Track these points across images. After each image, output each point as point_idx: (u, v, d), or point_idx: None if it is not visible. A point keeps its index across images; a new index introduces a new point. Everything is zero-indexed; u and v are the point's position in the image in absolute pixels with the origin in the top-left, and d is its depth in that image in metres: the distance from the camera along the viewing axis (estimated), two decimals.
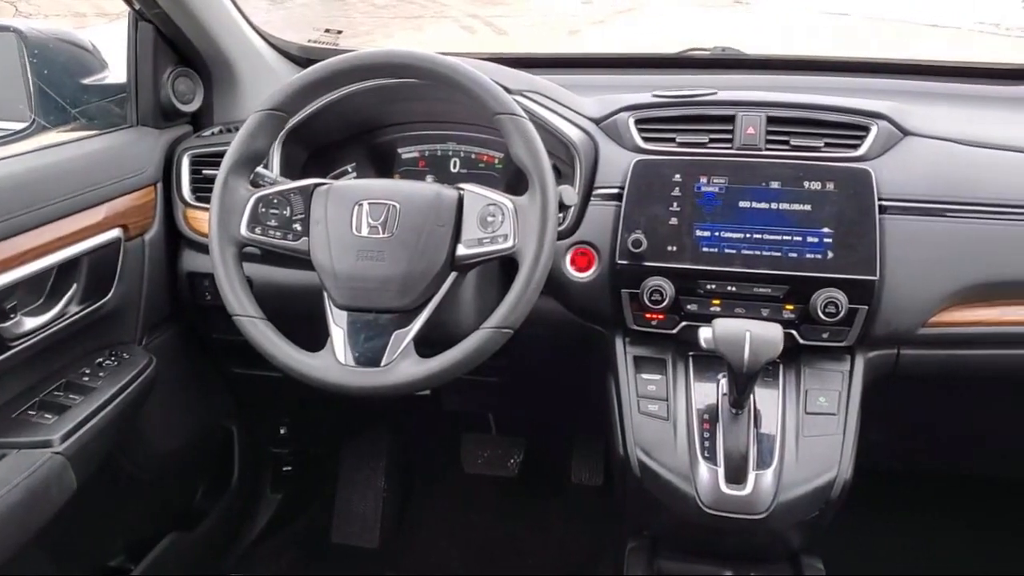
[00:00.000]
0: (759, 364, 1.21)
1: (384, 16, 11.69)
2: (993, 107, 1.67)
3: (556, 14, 11.51)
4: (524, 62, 1.83)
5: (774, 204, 1.37)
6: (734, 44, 1.90)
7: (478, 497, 2.30)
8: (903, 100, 1.53)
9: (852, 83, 1.75)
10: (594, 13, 11.52)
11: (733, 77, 1.82)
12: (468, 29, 10.58)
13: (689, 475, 1.31)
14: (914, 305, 1.35)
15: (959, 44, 8.03)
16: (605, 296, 1.42)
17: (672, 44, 1.96)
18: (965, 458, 1.80)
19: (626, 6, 11.78)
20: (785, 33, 8.81)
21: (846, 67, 1.83)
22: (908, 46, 7.92)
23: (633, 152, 1.45)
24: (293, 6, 10.76)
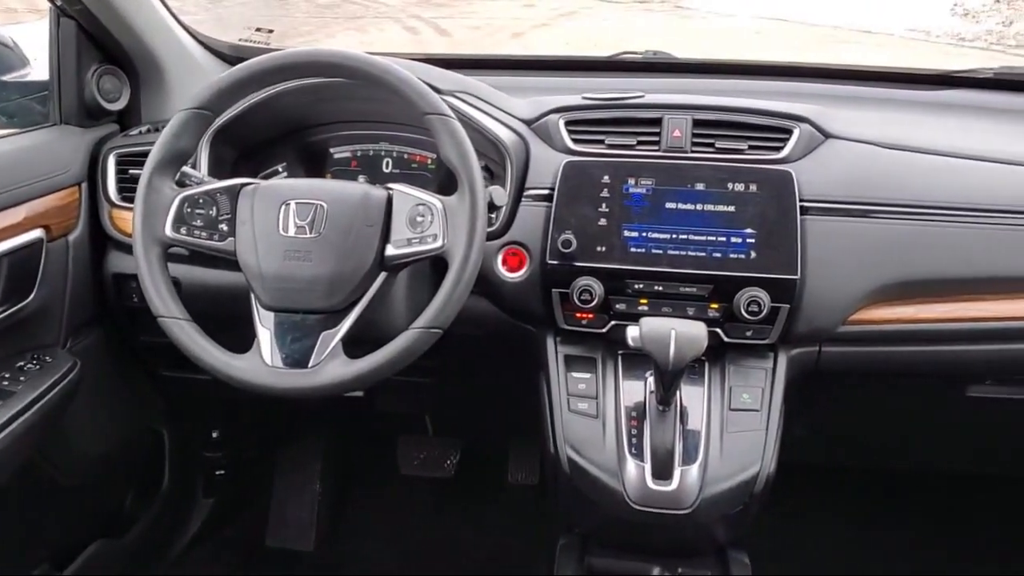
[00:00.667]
0: (684, 362, 1.23)
1: (326, 16, 11.60)
2: (914, 111, 1.72)
3: (500, 17, 11.52)
4: (457, 63, 1.83)
5: (699, 205, 1.40)
6: (674, 47, 1.94)
7: (415, 498, 2.30)
8: (827, 104, 1.56)
9: (779, 87, 1.79)
10: (538, 16, 11.56)
11: (663, 80, 1.84)
12: (411, 30, 10.55)
13: (617, 472, 1.33)
14: (834, 303, 1.39)
15: (889, 50, 8.26)
16: (536, 296, 1.43)
17: (614, 47, 1.99)
18: (888, 453, 1.86)
19: (569, 9, 11.86)
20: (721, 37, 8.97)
21: (774, 71, 1.87)
22: (840, 51, 8.12)
23: (563, 153, 1.47)
24: (233, 4, 10.61)
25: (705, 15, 10.77)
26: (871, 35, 8.95)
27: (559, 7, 11.99)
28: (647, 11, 11.46)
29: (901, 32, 8.99)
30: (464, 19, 11.37)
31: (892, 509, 2.13)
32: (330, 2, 12.39)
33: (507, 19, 11.31)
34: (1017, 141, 1.53)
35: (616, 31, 10.03)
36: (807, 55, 7.84)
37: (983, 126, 1.64)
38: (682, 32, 9.71)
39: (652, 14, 11.26)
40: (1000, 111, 1.71)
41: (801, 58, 1.97)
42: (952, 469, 1.95)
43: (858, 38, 8.86)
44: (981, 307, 1.40)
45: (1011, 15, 8.87)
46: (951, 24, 9.10)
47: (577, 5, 12.08)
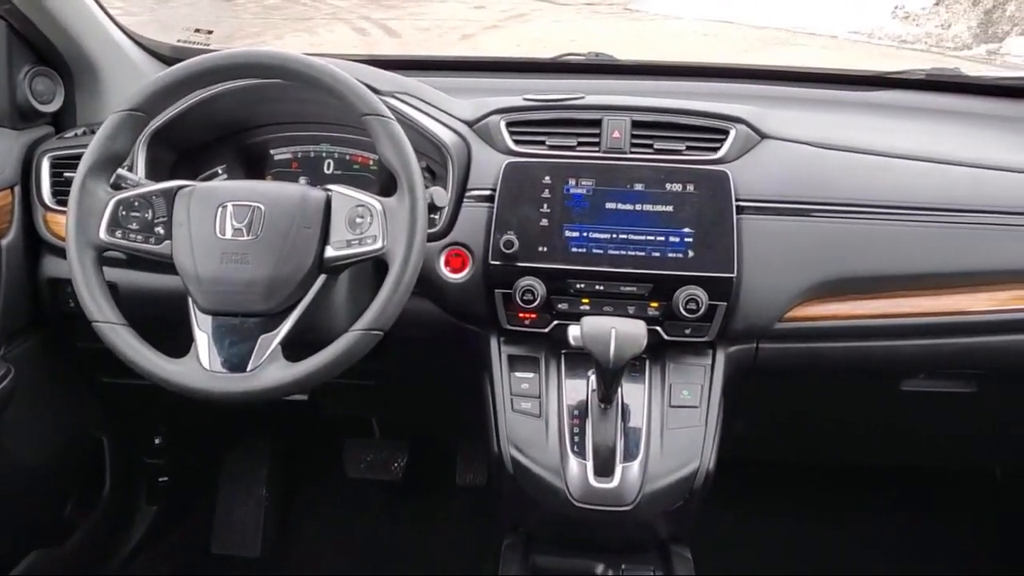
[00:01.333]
0: (624, 360, 1.25)
1: (275, 17, 11.47)
2: (849, 112, 1.75)
3: (450, 18, 11.51)
4: (400, 64, 1.84)
5: (638, 205, 1.41)
6: (623, 49, 1.96)
7: (362, 502, 2.29)
8: (765, 105, 1.59)
9: (718, 88, 1.82)
10: (488, 18, 11.57)
11: (605, 82, 1.86)
12: (360, 31, 10.48)
13: (559, 470, 1.34)
14: (770, 301, 1.41)
15: (833, 51, 8.43)
16: (479, 296, 1.44)
17: (564, 49, 2.00)
18: (827, 448, 1.90)
19: (519, 12, 11.88)
20: (670, 39, 9.07)
21: (713, 72, 1.90)
22: (785, 53, 8.26)
23: (505, 154, 1.47)
24: (179, 5, 10.44)
25: (653, 17, 10.87)
26: (816, 37, 9.11)
27: (509, 9, 12.01)
28: (596, 14, 11.53)
29: (844, 34, 9.16)
30: (414, 20, 11.33)
31: (832, 503, 2.18)
32: (278, 3, 12.25)
33: (457, 21, 11.29)
34: (946, 140, 1.58)
35: (566, 33, 10.08)
36: (753, 57, 7.97)
37: (915, 126, 1.68)
38: (631, 34, 9.80)
39: (601, 17, 11.33)
40: (931, 111, 1.76)
41: (747, 60, 2.01)
42: (889, 462, 2.00)
43: (803, 40, 9.02)
44: (912, 303, 1.44)
45: (949, 18, 9.10)
46: (892, 27, 9.31)
47: (527, 7, 12.11)
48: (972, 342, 1.44)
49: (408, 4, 12.39)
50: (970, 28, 8.81)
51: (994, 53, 8.05)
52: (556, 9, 12.01)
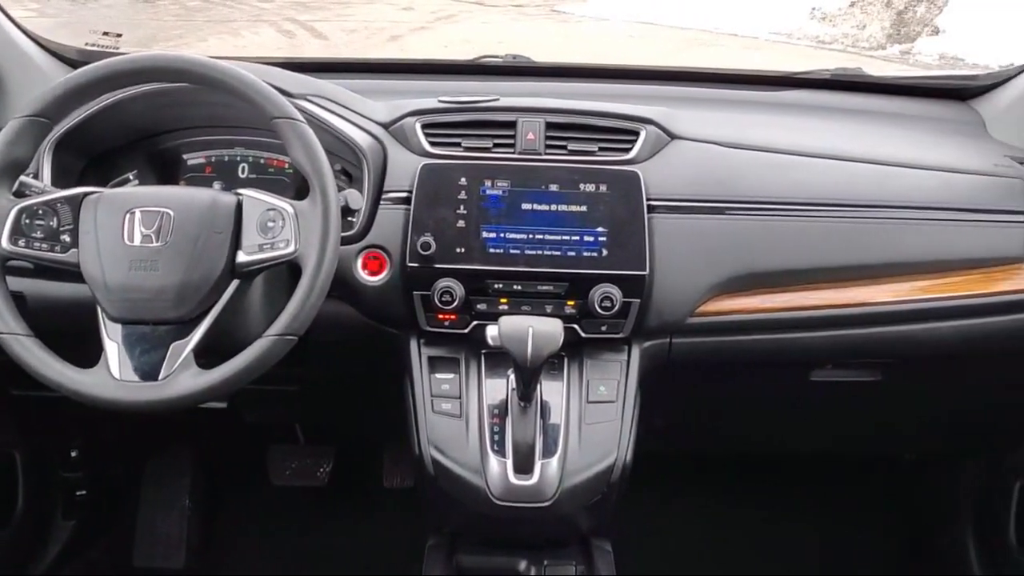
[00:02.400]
0: (541, 358, 1.27)
1: (197, 20, 11.24)
2: (758, 111, 1.80)
3: (378, 20, 11.42)
4: (315, 67, 1.83)
5: (554, 206, 1.43)
6: (549, 51, 1.98)
7: (288, 509, 2.27)
8: (677, 105, 1.63)
9: (632, 90, 1.85)
10: (416, 19, 11.52)
11: (522, 84, 1.88)
12: (287, 33, 10.34)
13: (480, 469, 1.35)
14: (681, 297, 1.44)
15: (755, 52, 8.62)
16: (397, 299, 1.44)
17: (492, 50, 2.01)
18: (743, 439, 1.94)
19: (448, 13, 11.86)
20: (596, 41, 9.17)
21: (628, 74, 1.94)
22: (708, 54, 8.42)
23: (421, 156, 1.48)
24: (97, 7, 10.18)
25: (580, 19, 10.97)
26: (737, 38, 9.31)
27: (438, 10, 11.98)
28: (524, 16, 11.58)
29: (765, 35, 9.37)
30: (341, 22, 11.23)
31: (749, 493, 2.23)
32: (201, 5, 12.01)
33: (385, 22, 11.22)
34: (849, 138, 1.63)
35: (494, 34, 10.11)
36: (676, 58, 8.11)
37: (820, 125, 1.74)
38: (558, 36, 9.87)
39: (529, 18, 11.38)
40: (836, 110, 1.82)
41: (671, 60, 2.05)
42: (802, 451, 2.06)
43: (725, 41, 9.20)
44: (818, 296, 1.48)
45: (864, 19, 9.37)
46: (811, 27, 9.55)
47: (455, 9, 12.10)
48: (875, 332, 1.49)
49: (335, 6, 12.26)
50: (884, 29, 9.09)
51: (906, 53, 8.33)
52: (484, 11, 12.03)
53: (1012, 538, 1.87)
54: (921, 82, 1.95)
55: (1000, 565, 1.94)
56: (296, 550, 2.18)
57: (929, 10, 8.84)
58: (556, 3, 11.98)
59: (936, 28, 8.52)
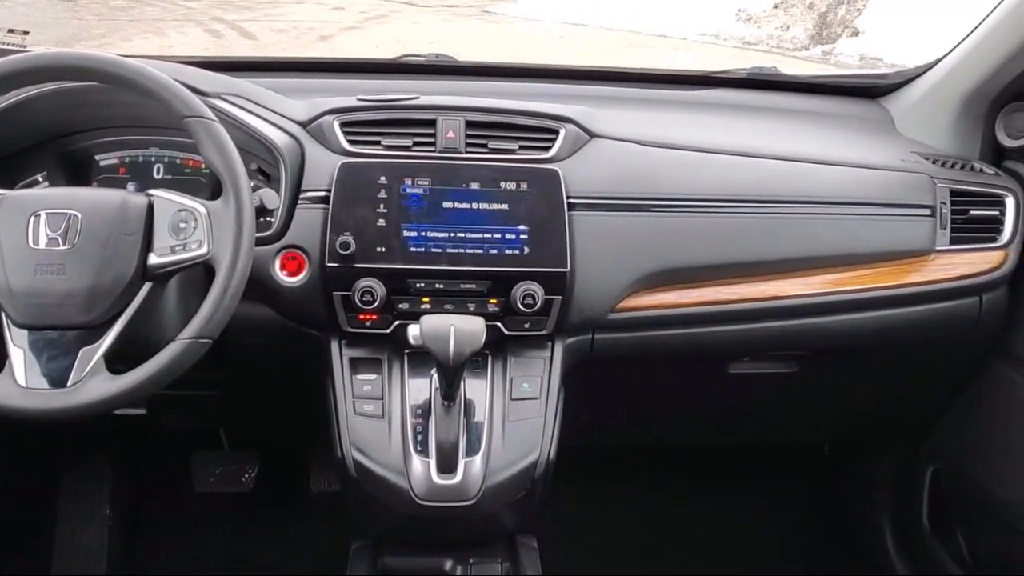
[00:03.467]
0: (463, 356, 1.27)
1: (121, 19, 10.97)
2: (676, 110, 1.83)
3: (308, 19, 11.30)
4: (235, 66, 1.80)
5: (475, 204, 1.43)
6: (480, 51, 1.98)
7: (214, 516, 2.22)
8: (598, 105, 1.64)
9: (554, 89, 1.86)
10: (347, 19, 11.42)
11: (445, 83, 1.88)
12: (214, 33, 10.16)
13: (403, 470, 1.35)
14: (602, 293, 1.46)
15: (684, 53, 8.76)
16: (317, 299, 1.42)
17: (424, 51, 2.00)
18: (668, 432, 1.97)
19: (379, 13, 11.79)
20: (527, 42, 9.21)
21: (550, 74, 1.95)
22: (639, 54, 8.53)
23: (339, 155, 1.46)
24: (14, 5, 9.85)
25: (511, 20, 11.01)
26: (666, 39, 9.44)
27: (369, 10, 11.90)
28: (456, 16, 11.57)
29: (693, 36, 9.53)
30: (270, 22, 11.08)
31: (674, 485, 2.27)
32: (125, 4, 11.72)
33: (315, 22, 11.10)
34: (764, 136, 1.67)
35: (426, 34, 10.08)
36: (607, 58, 8.19)
37: (736, 123, 1.78)
38: (490, 36, 9.89)
39: (461, 19, 11.38)
40: (752, 108, 1.86)
41: (601, 61, 2.07)
42: (725, 443, 2.10)
43: (654, 42, 9.33)
44: (734, 290, 1.51)
45: (787, 21, 9.60)
46: (737, 29, 9.75)
47: (387, 9, 12.03)
48: (789, 325, 1.53)
49: (264, 5, 12.10)
50: (807, 30, 9.33)
51: (828, 54, 8.55)
52: (416, 11, 11.99)
53: (925, 522, 1.94)
54: (834, 81, 2.01)
55: (914, 549, 2.01)
56: (221, 557, 2.14)
57: (849, 12, 9.09)
58: (488, 4, 12.01)
59: (856, 30, 8.77)
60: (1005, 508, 1.69)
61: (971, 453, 1.79)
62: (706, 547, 2.19)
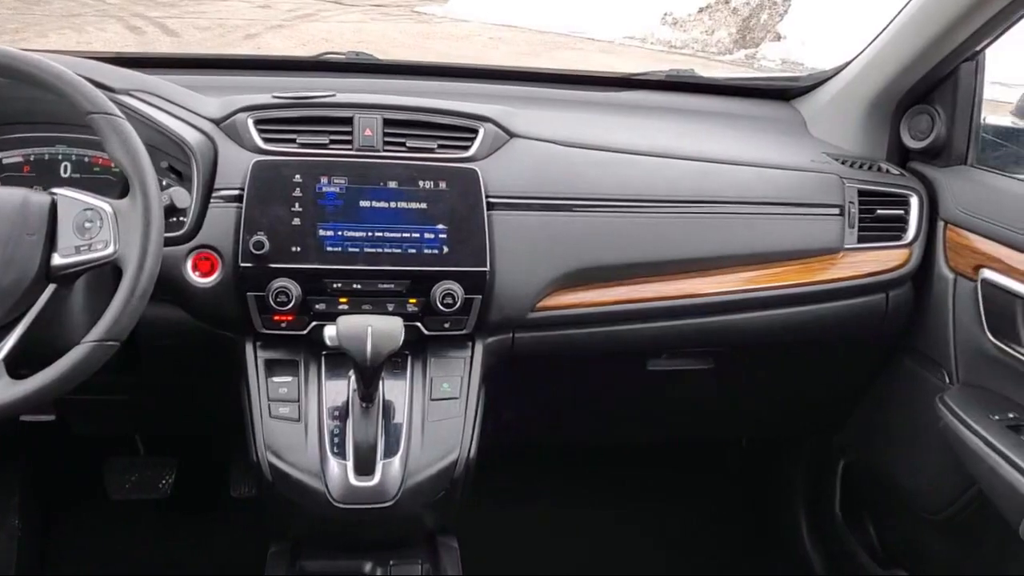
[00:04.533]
0: (381, 357, 1.26)
1: (36, 13, 10.64)
2: (595, 111, 1.85)
3: (233, 17, 11.11)
4: (149, 62, 1.77)
5: (393, 203, 1.42)
6: (409, 51, 1.96)
7: (129, 524, 2.16)
8: (518, 105, 1.65)
9: (476, 89, 1.86)
10: (273, 17, 11.28)
11: (366, 81, 1.86)
12: (135, 30, 9.93)
13: (319, 472, 1.33)
14: (522, 292, 1.46)
15: (611, 56, 8.87)
16: (231, 300, 1.39)
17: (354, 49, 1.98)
18: (591, 430, 1.99)
19: (306, 11, 11.66)
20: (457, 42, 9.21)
21: (472, 73, 1.95)
22: (567, 56, 8.61)
23: (253, 153, 1.44)
24: None
25: (441, 20, 11.00)
26: (595, 42, 9.56)
27: (296, 9, 11.77)
28: (385, 15, 11.51)
29: (620, 39, 9.67)
30: (194, 19, 10.87)
31: (597, 482, 2.29)
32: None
33: (240, 20, 10.93)
34: (679, 137, 1.69)
35: (354, 33, 10.01)
36: (536, 60, 8.25)
37: (654, 124, 1.80)
38: (419, 36, 9.86)
39: (390, 18, 11.33)
40: (669, 110, 1.88)
41: (529, 62, 2.07)
42: (645, 439, 2.13)
43: (583, 44, 9.44)
44: (652, 288, 1.53)
45: (712, 25, 9.81)
46: (663, 32, 9.92)
47: (314, 7, 11.92)
48: (706, 322, 1.56)
49: (187, 2, 11.87)
50: (731, 34, 9.54)
51: (751, 57, 8.77)
52: (344, 10, 11.89)
53: (838, 513, 2.00)
54: (748, 83, 2.05)
55: (828, 539, 2.06)
56: (137, 566, 2.08)
57: (771, 17, 9.33)
58: (417, 4, 11.97)
59: (778, 34, 9.00)
60: (912, 498, 1.75)
61: (880, 445, 1.85)
62: (627, 544, 2.22)
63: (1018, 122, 1.66)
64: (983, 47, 1.56)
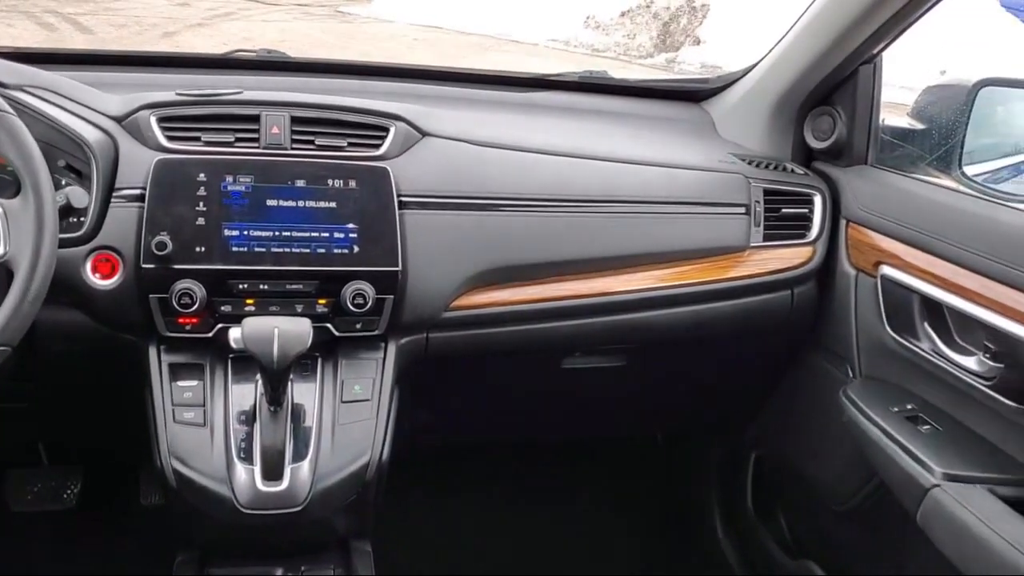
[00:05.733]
0: (288, 359, 1.23)
1: None
2: (509, 111, 1.85)
3: (150, 15, 10.83)
4: (50, 58, 1.72)
5: (301, 202, 1.40)
6: (331, 51, 1.93)
7: (32, 537, 2.08)
8: (433, 104, 1.64)
9: (390, 87, 1.84)
10: (193, 16, 11.04)
11: (277, 79, 1.83)
12: (47, 26, 9.59)
13: (226, 478, 1.30)
14: (436, 292, 1.46)
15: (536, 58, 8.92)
16: (133, 303, 1.35)
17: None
18: (509, 430, 1.99)
19: (227, 10, 11.45)
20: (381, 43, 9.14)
21: (386, 72, 1.93)
22: (492, 58, 8.62)
23: (157, 151, 1.40)
24: None
25: (365, 20, 10.90)
26: (520, 44, 9.60)
27: (216, 7, 11.54)
28: (308, 15, 11.36)
29: (545, 42, 9.74)
30: (109, 16, 10.56)
31: (518, 483, 2.30)
32: None
33: (158, 18, 10.66)
34: (591, 137, 1.70)
35: (276, 33, 9.86)
36: (462, 62, 8.24)
37: (566, 124, 1.81)
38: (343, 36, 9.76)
39: (313, 18, 11.18)
40: (582, 111, 1.90)
41: (455, 64, 2.06)
42: (562, 437, 2.14)
43: (508, 47, 9.46)
44: (565, 287, 1.54)
45: (634, 29, 9.95)
46: (586, 36, 10.02)
47: (235, 6, 11.70)
48: (618, 320, 1.58)
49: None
50: (652, 39, 9.70)
51: (672, 61, 8.92)
52: (266, 9, 11.70)
53: (750, 506, 2.04)
54: (660, 85, 2.08)
55: (741, 532, 2.11)
56: None
57: (691, 22, 9.50)
58: (341, 4, 11.85)
59: (697, 39, 9.18)
60: (820, 490, 1.80)
61: (789, 439, 1.89)
62: (545, 543, 2.23)
63: (915, 123, 1.71)
64: (880, 50, 1.61)
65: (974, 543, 1.21)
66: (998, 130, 1.81)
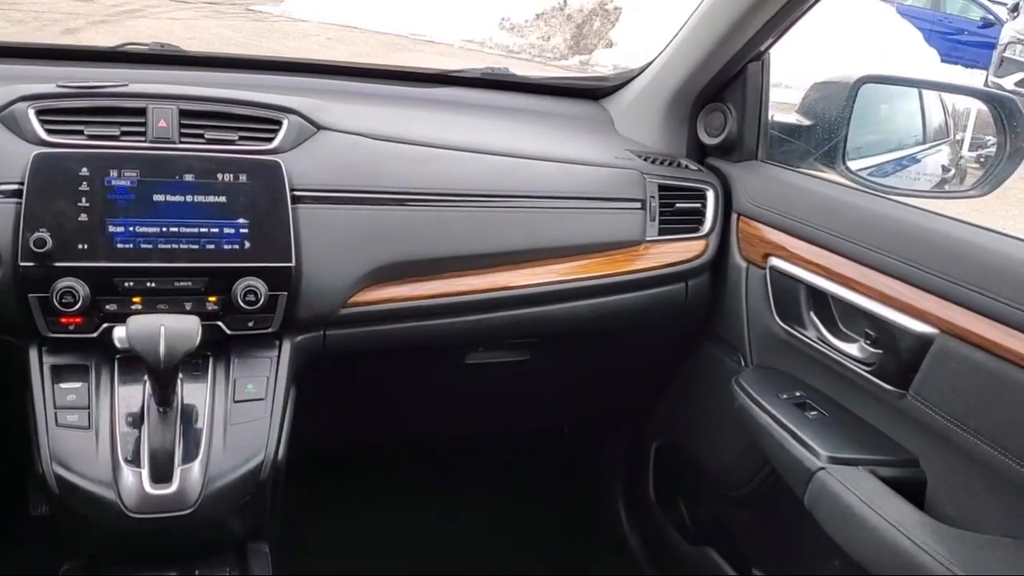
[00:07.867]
0: (175, 359, 1.20)
1: None
2: (410, 106, 1.84)
3: (51, 10, 10.44)
4: None
5: (189, 197, 1.37)
6: (241, 50, 1.88)
7: None
8: (331, 98, 1.62)
9: (287, 82, 1.81)
10: (96, 12, 10.68)
11: (169, 73, 1.78)
12: None
13: (111, 482, 1.26)
14: (332, 288, 1.44)
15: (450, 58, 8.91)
16: (11, 303, 1.30)
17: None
18: (413, 427, 1.98)
19: (133, 7, 11.11)
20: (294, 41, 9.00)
21: (282, 66, 1.90)
22: (405, 58, 8.58)
23: (35, 145, 1.35)
24: None
25: (277, 19, 10.72)
26: (434, 44, 9.57)
27: (121, 3, 11.19)
28: (218, 13, 11.10)
29: (459, 43, 9.73)
30: (6, 10, 10.14)
31: (426, 480, 2.29)
32: None
33: (59, 14, 10.28)
34: (490, 133, 1.71)
35: (184, 31, 9.62)
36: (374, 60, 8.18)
37: (466, 120, 1.81)
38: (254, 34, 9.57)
39: (223, 16, 10.94)
40: (483, 107, 1.91)
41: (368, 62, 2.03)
42: (468, 432, 2.14)
43: (422, 47, 9.43)
44: (464, 282, 1.54)
45: (548, 31, 10.03)
46: (501, 37, 10.06)
47: (141, 3, 11.36)
48: (519, 314, 1.58)
49: None
50: (565, 40, 9.79)
51: (585, 63, 9.03)
52: (174, 6, 11.41)
53: (651, 494, 2.08)
54: (560, 82, 2.10)
55: (644, 521, 2.14)
56: None
57: (604, 24, 9.63)
58: (252, 2, 11.62)
59: (610, 41, 9.31)
60: (716, 477, 1.84)
61: (686, 428, 1.93)
62: (452, 539, 2.23)
63: (802, 120, 1.76)
64: (767, 48, 1.66)
65: (857, 523, 1.25)
66: (882, 127, 1.88)
